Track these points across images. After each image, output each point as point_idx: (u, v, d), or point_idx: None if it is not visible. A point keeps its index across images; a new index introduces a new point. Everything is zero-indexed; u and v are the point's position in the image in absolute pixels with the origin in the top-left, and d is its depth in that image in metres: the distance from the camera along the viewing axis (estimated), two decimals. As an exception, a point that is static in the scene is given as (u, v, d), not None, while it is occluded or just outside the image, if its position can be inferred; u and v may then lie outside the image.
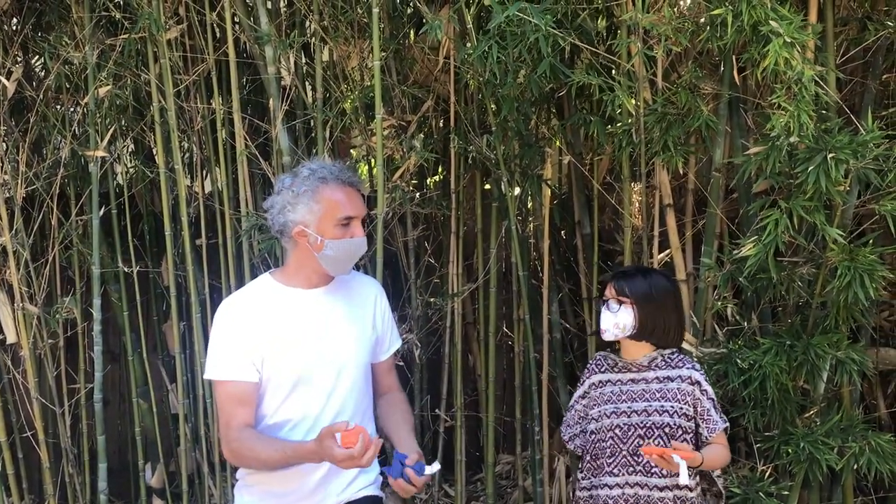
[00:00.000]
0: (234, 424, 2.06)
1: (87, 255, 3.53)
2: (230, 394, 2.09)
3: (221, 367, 2.09)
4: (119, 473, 4.09)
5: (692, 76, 2.79)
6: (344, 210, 2.12)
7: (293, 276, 2.19)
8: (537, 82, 2.77)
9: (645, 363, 2.49)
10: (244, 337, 2.09)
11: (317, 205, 2.11)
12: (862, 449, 2.69)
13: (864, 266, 2.48)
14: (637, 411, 2.44)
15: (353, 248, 2.16)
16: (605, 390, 2.52)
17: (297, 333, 2.13)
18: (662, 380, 2.45)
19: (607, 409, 2.48)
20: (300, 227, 2.12)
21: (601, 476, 2.48)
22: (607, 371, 2.55)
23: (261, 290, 2.18)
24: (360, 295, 2.32)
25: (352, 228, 2.14)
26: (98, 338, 3.45)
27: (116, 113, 3.43)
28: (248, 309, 2.13)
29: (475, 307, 3.90)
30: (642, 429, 2.42)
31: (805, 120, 2.35)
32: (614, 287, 2.46)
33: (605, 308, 2.45)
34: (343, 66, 3.41)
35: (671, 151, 2.78)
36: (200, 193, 3.62)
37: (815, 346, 2.66)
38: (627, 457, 2.44)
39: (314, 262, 2.16)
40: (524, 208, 3.70)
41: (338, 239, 2.12)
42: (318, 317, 2.18)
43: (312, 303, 2.19)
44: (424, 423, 4.00)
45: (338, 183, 2.14)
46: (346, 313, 2.23)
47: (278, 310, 2.14)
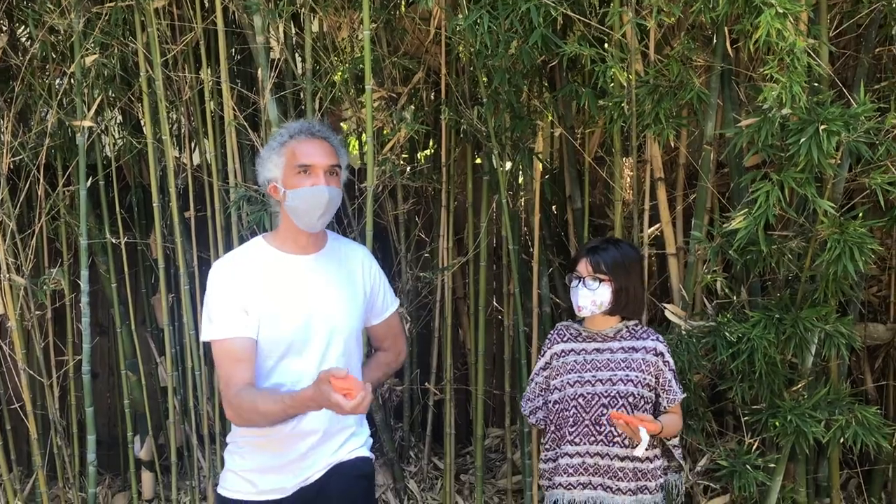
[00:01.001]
0: (234, 382, 2.04)
1: (74, 227, 3.51)
2: (228, 352, 2.06)
3: (218, 326, 2.07)
4: (108, 446, 4.09)
5: (684, 48, 2.77)
6: (303, 158, 2.10)
7: (284, 240, 2.18)
8: (529, 53, 2.74)
9: (611, 334, 2.51)
10: (240, 295, 2.07)
11: (280, 157, 2.13)
12: (848, 421, 2.71)
13: (854, 239, 2.49)
14: (602, 380, 2.46)
15: (311, 197, 2.10)
16: (567, 359, 2.53)
17: (289, 299, 2.12)
18: (627, 350, 2.48)
19: (570, 378, 2.49)
20: (273, 183, 2.14)
21: (563, 445, 2.50)
22: (570, 340, 2.56)
23: (254, 252, 2.17)
24: (349, 261, 2.31)
25: (311, 177, 2.11)
26: (86, 310, 3.43)
27: (103, 83, 3.38)
28: (242, 269, 2.12)
29: (465, 281, 3.89)
30: (606, 398, 2.44)
31: (797, 91, 2.34)
32: (590, 264, 2.46)
33: (580, 285, 2.45)
34: (333, 37, 3.37)
35: (663, 124, 2.77)
36: (189, 165, 3.59)
37: (804, 320, 2.67)
38: (590, 426, 2.46)
39: (292, 220, 2.16)
40: (515, 182, 3.69)
41: (295, 188, 2.10)
42: (309, 283, 2.17)
43: (304, 268, 2.17)
44: (414, 396, 4.01)
45: (305, 136, 2.14)
46: (337, 280, 2.23)
47: (271, 273, 2.12)
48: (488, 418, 4.14)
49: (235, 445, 2.23)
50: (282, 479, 2.17)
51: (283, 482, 2.18)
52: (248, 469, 2.19)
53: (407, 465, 3.94)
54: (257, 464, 2.17)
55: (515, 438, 3.81)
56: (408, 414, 3.99)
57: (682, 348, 2.82)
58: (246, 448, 2.19)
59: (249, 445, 2.18)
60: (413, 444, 4.02)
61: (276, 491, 2.17)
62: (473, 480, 3.75)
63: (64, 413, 3.82)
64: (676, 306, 3.01)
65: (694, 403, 3.02)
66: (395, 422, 3.97)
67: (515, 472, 3.78)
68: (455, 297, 3.88)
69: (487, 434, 4.12)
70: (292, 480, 2.18)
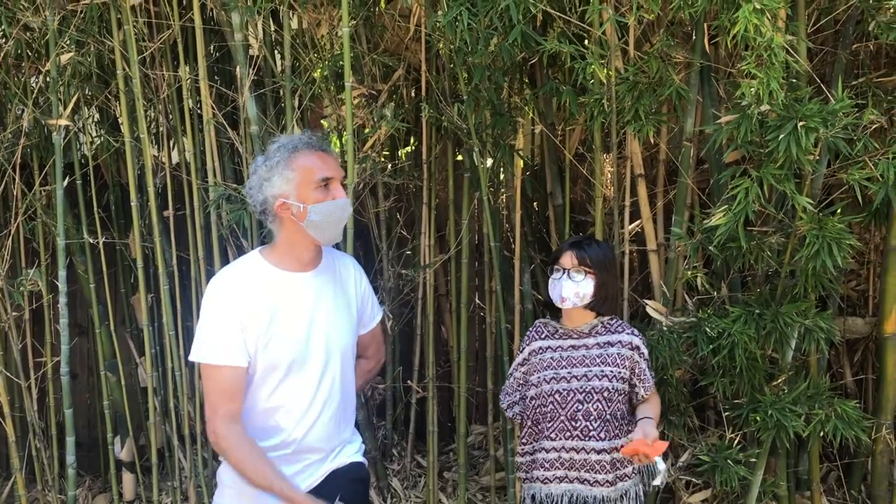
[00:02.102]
0: (220, 413, 2.02)
1: (51, 227, 3.47)
2: (219, 383, 2.03)
3: (212, 351, 2.02)
4: (88, 447, 4.06)
5: (664, 45, 2.77)
6: (320, 172, 2.07)
7: (283, 257, 2.12)
8: (509, 50, 2.73)
9: (586, 330, 2.54)
10: (237, 319, 2.02)
11: (292, 172, 2.06)
12: (828, 415, 2.73)
13: (833, 235, 2.50)
14: (577, 377, 2.49)
15: (338, 210, 2.10)
16: (544, 356, 2.55)
17: (290, 319, 2.09)
18: (602, 345, 2.51)
19: (547, 374, 2.51)
20: (280, 199, 2.06)
21: (540, 440, 2.53)
22: (548, 338, 2.58)
23: (252, 270, 2.11)
24: (343, 277, 2.28)
25: (332, 190, 2.09)
26: (64, 310, 3.39)
27: (79, 81, 3.34)
28: (241, 290, 2.06)
29: (447, 279, 3.89)
30: (581, 393, 2.47)
31: (775, 87, 2.35)
32: (576, 256, 2.48)
33: (565, 277, 2.47)
34: (312, 34, 3.35)
35: (642, 121, 2.77)
36: (167, 163, 3.56)
37: (784, 315, 2.69)
38: (566, 421, 2.49)
39: (303, 237, 2.10)
40: (496, 179, 3.68)
41: (320, 202, 2.06)
42: (310, 302, 2.13)
43: (304, 287, 2.13)
44: (397, 394, 4.01)
45: (309, 149, 2.10)
46: (334, 296, 2.20)
47: (271, 293, 2.08)
48: (471, 415, 4.14)
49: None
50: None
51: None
52: (246, 485, 2.16)
53: (390, 463, 3.94)
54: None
55: (498, 435, 3.82)
56: (390, 412, 3.98)
57: (664, 344, 2.83)
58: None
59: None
60: (396, 443, 4.01)
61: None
62: (457, 478, 3.74)
63: (42, 415, 3.79)
64: (658, 302, 3.02)
65: (676, 399, 3.03)
66: (377, 420, 3.97)
67: (499, 469, 3.78)
68: (437, 294, 3.87)
69: (470, 431, 4.12)
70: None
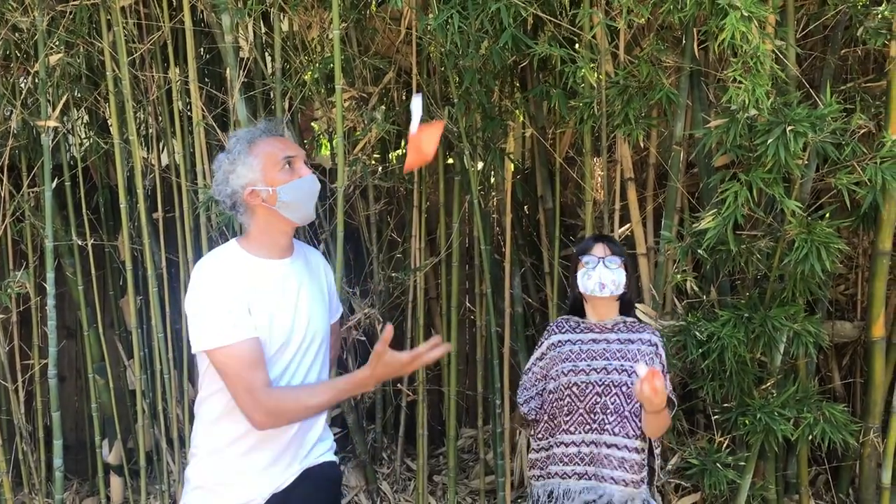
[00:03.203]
0: (257, 387, 1.98)
1: (39, 228, 3.45)
2: (241, 357, 1.98)
3: (223, 331, 1.98)
4: (75, 451, 4.03)
5: (654, 49, 2.78)
6: (282, 152, 2.09)
7: (260, 246, 2.12)
8: (499, 53, 2.74)
9: (609, 325, 2.49)
10: (235, 296, 2.00)
11: (255, 159, 2.07)
12: (817, 419, 2.74)
13: (821, 239, 2.51)
14: (596, 369, 2.43)
15: (306, 186, 2.11)
16: (563, 349, 2.51)
17: (275, 305, 2.08)
18: (623, 341, 2.46)
19: (565, 367, 2.47)
20: (249, 187, 2.07)
21: (558, 434, 2.48)
22: (568, 332, 2.54)
23: (233, 257, 2.10)
24: (315, 266, 2.30)
25: (297, 169, 2.10)
26: (52, 312, 3.37)
27: (69, 82, 3.33)
28: (228, 272, 2.05)
29: (437, 282, 3.88)
30: (600, 386, 2.41)
31: (760, 94, 2.36)
32: (608, 247, 2.46)
33: (600, 265, 2.42)
34: (303, 37, 3.35)
35: (632, 124, 2.78)
36: (156, 165, 3.55)
37: (773, 319, 2.70)
38: (584, 414, 2.44)
39: (277, 220, 2.10)
40: (487, 182, 3.69)
41: (287, 182, 2.07)
42: (290, 288, 2.13)
43: (284, 274, 2.13)
44: (386, 397, 4.00)
45: (266, 135, 2.12)
46: (310, 282, 2.21)
47: (253, 281, 2.06)
48: (461, 419, 4.13)
49: (205, 458, 2.17)
50: (257, 486, 2.13)
51: (258, 490, 2.13)
52: (219, 482, 2.13)
53: (380, 466, 3.93)
54: (235, 471, 2.13)
55: (488, 439, 3.81)
56: (380, 415, 3.97)
57: (653, 348, 2.83)
58: (223, 457, 2.14)
59: (229, 454, 2.14)
60: (386, 446, 4.00)
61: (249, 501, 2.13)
62: (446, 481, 3.74)
63: (30, 418, 3.76)
64: (647, 306, 3.03)
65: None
66: (367, 423, 3.96)
67: (488, 473, 3.78)
68: (427, 297, 3.87)
69: (460, 435, 4.11)
70: (267, 487, 2.12)
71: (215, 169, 2.13)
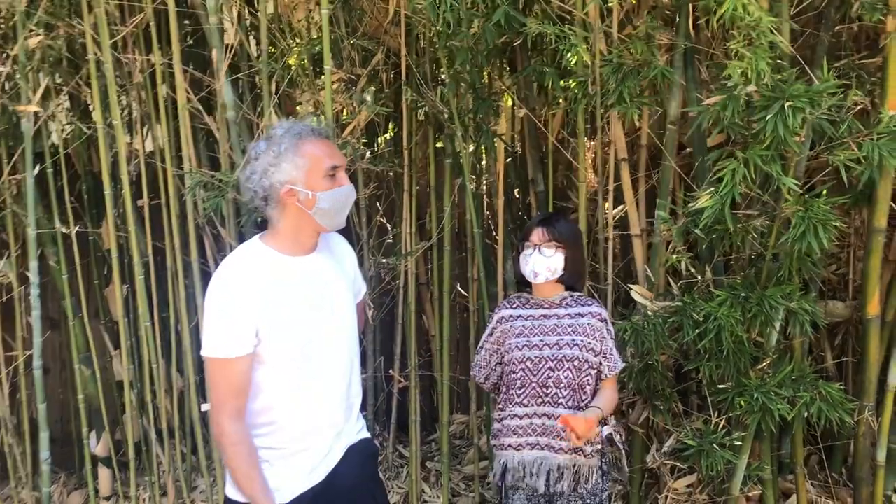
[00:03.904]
0: (228, 409, 2.02)
1: (21, 217, 3.37)
2: (228, 378, 2.02)
3: (225, 345, 2.00)
4: (62, 443, 3.97)
5: (648, 27, 2.75)
6: (329, 160, 2.09)
7: (286, 243, 2.11)
8: (492, 32, 2.69)
9: (557, 301, 2.58)
10: (248, 308, 2.00)
11: (301, 159, 2.05)
12: (813, 398, 2.72)
13: (819, 217, 2.49)
14: (549, 344, 2.52)
15: (345, 197, 2.13)
16: (515, 324, 2.59)
17: (301, 304, 2.08)
18: (574, 316, 2.55)
19: (519, 342, 2.56)
20: (288, 185, 2.05)
21: (510, 406, 2.57)
22: (518, 307, 2.63)
23: (257, 257, 2.09)
24: (340, 255, 2.30)
25: (339, 178, 2.11)
26: (36, 302, 3.30)
27: (49, 66, 3.25)
28: (251, 278, 2.04)
29: (428, 267, 3.85)
30: (553, 361, 2.51)
31: (762, 67, 2.34)
32: (546, 232, 2.53)
33: (535, 252, 2.52)
34: (289, 18, 3.28)
35: (627, 103, 2.74)
36: (141, 151, 3.48)
37: (769, 298, 2.68)
38: (537, 388, 2.53)
39: (308, 223, 2.10)
40: (478, 165, 3.64)
41: (328, 190, 2.08)
42: (317, 283, 2.14)
43: (310, 271, 2.13)
44: (378, 384, 3.96)
45: (315, 136, 2.10)
46: (336, 274, 2.22)
47: (279, 280, 2.06)
48: (453, 404, 4.11)
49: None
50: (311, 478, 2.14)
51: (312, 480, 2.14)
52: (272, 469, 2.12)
53: (372, 454, 3.89)
54: (287, 474, 2.12)
55: (481, 424, 3.79)
56: (372, 402, 3.93)
57: (649, 329, 2.81)
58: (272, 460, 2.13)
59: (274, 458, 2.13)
60: (378, 433, 3.97)
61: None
62: (439, 467, 3.71)
63: (14, 410, 3.70)
64: (642, 287, 3.01)
65: (661, 384, 3.02)
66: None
67: (482, 458, 3.76)
68: (418, 283, 3.83)
69: (452, 420, 4.09)
70: (318, 477, 2.15)
71: (252, 156, 2.10)
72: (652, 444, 3.16)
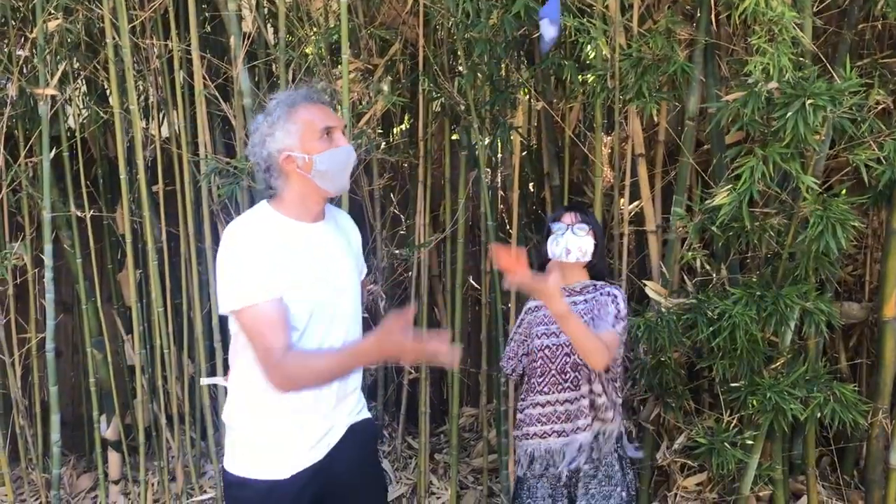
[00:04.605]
0: (277, 347, 1.97)
1: (37, 200, 3.38)
2: (265, 317, 1.97)
3: (249, 291, 1.98)
4: (73, 426, 3.99)
5: (668, 21, 2.73)
6: (322, 121, 2.09)
7: (293, 209, 2.12)
8: (511, 23, 2.68)
9: (578, 289, 2.58)
10: (264, 258, 2.00)
11: (293, 125, 2.07)
12: (826, 399, 2.70)
13: (837, 216, 2.47)
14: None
15: (343, 156, 2.11)
16: (538, 314, 2.61)
17: (308, 267, 2.08)
18: (589, 300, 2.54)
19: (539, 330, 2.58)
20: (285, 153, 2.07)
21: (532, 395, 2.59)
22: None
23: (266, 219, 2.10)
24: (345, 228, 2.32)
25: (335, 139, 2.10)
26: (50, 286, 3.31)
27: (67, 50, 3.25)
28: (260, 234, 2.05)
29: (441, 259, 3.84)
30: (569, 346, 2.50)
31: (784, 63, 2.32)
32: (578, 214, 2.55)
33: (568, 232, 2.52)
34: (307, 6, 3.27)
35: (645, 98, 2.73)
36: (157, 136, 3.48)
37: (785, 297, 2.66)
38: (556, 375, 2.54)
39: (312, 189, 2.10)
40: (493, 158, 3.63)
41: (324, 151, 2.07)
42: (324, 250, 2.14)
43: (315, 240, 2.14)
44: (388, 375, 3.96)
45: (308, 101, 2.11)
46: (341, 245, 2.23)
47: (288, 243, 2.07)
48: (463, 397, 4.10)
49: (248, 420, 2.13)
50: (311, 455, 2.13)
51: (312, 457, 2.13)
52: (273, 444, 2.10)
53: (381, 444, 3.90)
54: (278, 433, 2.10)
55: (490, 417, 3.78)
56: (382, 393, 3.93)
57: (662, 325, 2.79)
58: (262, 420, 2.11)
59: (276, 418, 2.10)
60: (387, 424, 3.97)
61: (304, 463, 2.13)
62: (448, 460, 3.71)
63: (26, 392, 3.72)
64: (657, 283, 2.99)
65: (673, 381, 3.00)
66: (369, 401, 3.91)
67: (491, 451, 3.75)
68: (431, 274, 3.82)
69: (462, 413, 4.08)
70: (319, 455, 2.14)
71: (252, 130, 2.13)
72: (662, 441, 3.14)
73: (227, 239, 2.04)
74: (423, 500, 3.58)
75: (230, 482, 2.12)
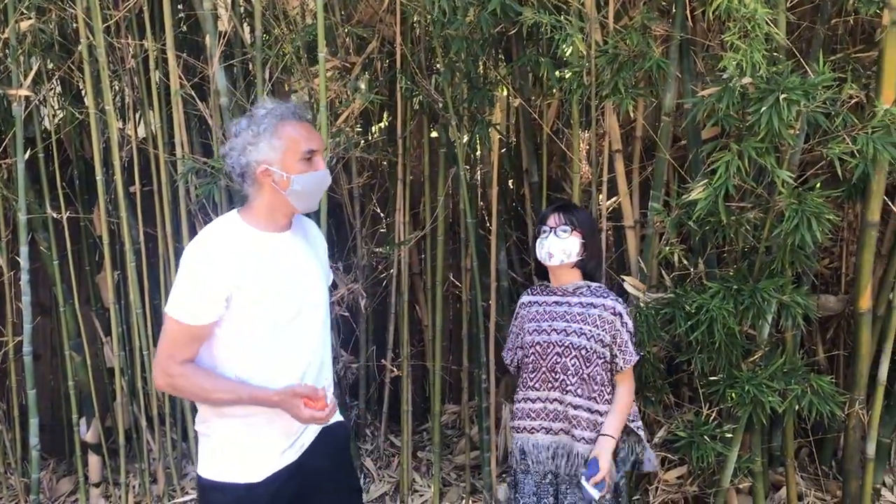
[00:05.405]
0: (178, 358, 2.04)
1: (12, 201, 3.35)
2: (178, 334, 2.04)
3: (182, 307, 2.03)
4: (52, 429, 3.96)
5: (644, 17, 2.74)
6: (307, 143, 2.10)
7: (261, 220, 2.14)
8: (487, 20, 2.68)
9: (570, 289, 2.59)
10: (218, 280, 2.02)
11: (278, 141, 2.08)
12: (804, 391, 2.73)
13: (812, 209, 2.49)
14: (557, 330, 2.55)
15: (319, 181, 2.15)
16: (531, 310, 2.63)
17: (277, 278, 2.10)
18: (585, 305, 2.55)
19: (531, 326, 2.60)
20: (264, 166, 2.08)
21: (524, 390, 2.62)
22: (537, 294, 2.67)
23: (233, 231, 2.11)
24: (312, 237, 2.33)
25: (315, 162, 2.13)
26: (26, 288, 3.29)
27: (41, 50, 3.22)
28: (225, 248, 2.07)
29: (422, 257, 3.84)
30: (560, 347, 2.53)
31: (757, 59, 2.33)
32: (562, 216, 2.54)
33: (551, 234, 2.54)
34: (283, 5, 3.26)
35: (622, 94, 2.74)
36: (133, 137, 3.46)
37: (762, 290, 2.68)
38: (546, 373, 2.56)
39: (282, 204, 2.13)
40: (472, 155, 3.63)
41: (303, 173, 2.10)
42: (291, 260, 2.16)
43: (284, 246, 2.16)
44: (370, 373, 3.96)
45: (295, 119, 2.12)
46: (308, 254, 2.24)
47: (255, 255, 2.09)
48: (445, 395, 4.10)
49: (218, 421, 2.13)
50: (285, 457, 2.14)
51: (285, 459, 2.15)
52: (247, 447, 2.12)
53: (363, 443, 3.89)
54: (246, 436, 2.11)
55: (473, 414, 3.79)
56: (364, 391, 3.93)
57: (641, 320, 2.82)
58: (231, 420, 2.11)
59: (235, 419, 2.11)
60: (369, 422, 3.97)
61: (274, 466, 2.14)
62: (431, 457, 3.71)
63: (4, 396, 3.68)
64: (635, 278, 3.00)
65: (652, 376, 3.02)
66: (351, 400, 3.92)
67: (473, 448, 3.76)
68: (411, 272, 3.82)
69: (444, 410, 4.09)
70: (292, 456, 2.16)
71: (233, 133, 2.14)
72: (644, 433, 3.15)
73: (192, 247, 2.08)
74: (406, 497, 3.58)
75: (205, 487, 2.14)
